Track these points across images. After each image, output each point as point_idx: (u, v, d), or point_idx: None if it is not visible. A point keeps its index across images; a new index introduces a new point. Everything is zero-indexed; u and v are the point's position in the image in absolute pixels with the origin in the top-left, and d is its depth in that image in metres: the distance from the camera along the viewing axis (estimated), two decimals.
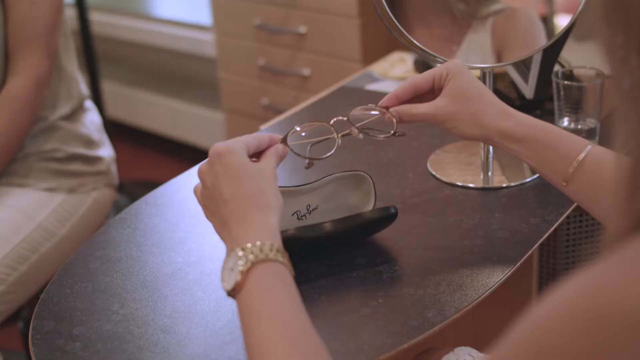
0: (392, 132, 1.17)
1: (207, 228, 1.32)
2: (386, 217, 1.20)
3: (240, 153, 0.98)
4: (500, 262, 1.17)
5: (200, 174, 1.01)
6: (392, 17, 1.31)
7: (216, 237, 1.28)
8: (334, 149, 1.13)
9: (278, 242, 0.91)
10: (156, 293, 1.16)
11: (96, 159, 1.94)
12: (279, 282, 0.88)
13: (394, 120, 1.16)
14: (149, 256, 1.25)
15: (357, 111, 1.18)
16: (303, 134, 1.11)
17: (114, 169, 2.02)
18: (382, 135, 1.17)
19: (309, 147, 1.11)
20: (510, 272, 1.15)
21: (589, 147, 1.08)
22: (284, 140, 1.08)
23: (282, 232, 1.11)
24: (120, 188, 2.08)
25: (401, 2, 1.42)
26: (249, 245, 0.90)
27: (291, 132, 1.10)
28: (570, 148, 1.09)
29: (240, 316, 0.87)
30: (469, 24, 1.49)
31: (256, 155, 1.05)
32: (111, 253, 1.27)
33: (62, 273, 1.23)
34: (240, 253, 0.89)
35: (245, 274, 0.88)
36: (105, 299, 1.15)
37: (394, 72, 1.95)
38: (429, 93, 1.18)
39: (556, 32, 1.45)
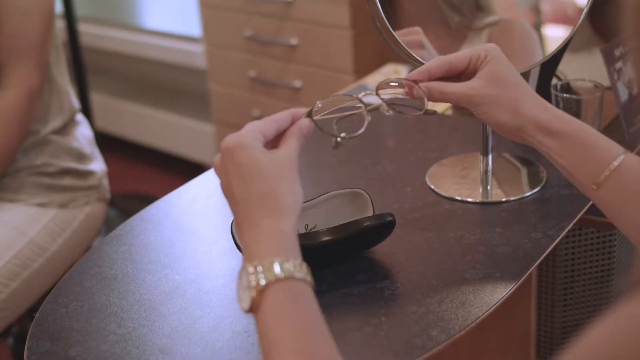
0: (422, 110, 1.09)
1: (204, 244, 1.30)
2: (384, 225, 1.18)
3: (253, 147, 0.92)
4: (503, 278, 1.15)
5: (215, 169, 0.95)
6: (390, 28, 1.29)
7: (214, 254, 1.27)
8: (364, 126, 1.04)
9: (291, 253, 0.87)
10: (154, 312, 1.14)
11: (88, 173, 1.92)
12: (293, 306, 0.84)
13: (424, 97, 1.08)
14: (146, 274, 1.23)
15: (384, 85, 1.09)
16: (328, 109, 1.03)
17: (105, 183, 2.00)
18: (413, 113, 1.09)
19: (334, 124, 1.02)
20: (513, 288, 1.13)
21: (624, 154, 1.03)
22: (309, 115, 1.00)
23: None
24: (110, 201, 2.06)
25: (396, 14, 1.41)
26: (258, 266, 0.85)
27: (316, 106, 1.01)
28: (606, 151, 1.04)
29: (259, 336, 0.84)
30: (464, 35, 1.48)
31: (278, 137, 0.98)
32: (107, 271, 1.24)
33: (56, 291, 1.20)
34: (251, 270, 0.85)
35: (258, 296, 0.84)
36: (102, 318, 1.13)
37: None
38: (457, 76, 1.12)
39: (545, 43, 1.44)
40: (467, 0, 1.49)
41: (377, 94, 1.07)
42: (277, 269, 0.85)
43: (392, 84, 1.10)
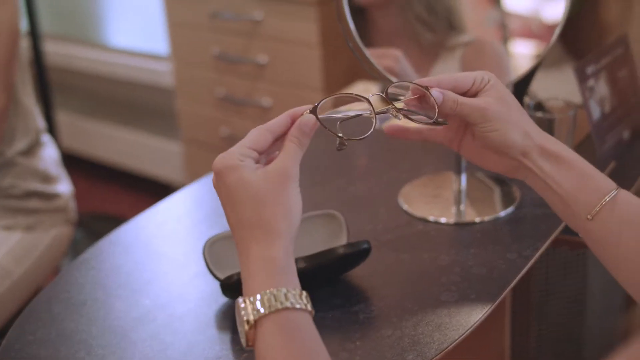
0: (432, 119, 1.03)
1: (175, 268, 1.28)
2: (359, 253, 1.17)
3: (241, 167, 0.89)
4: (479, 299, 1.14)
5: (214, 187, 0.93)
6: (362, 47, 1.28)
7: (185, 278, 1.24)
8: (372, 129, 0.97)
9: (282, 282, 0.86)
10: (124, 339, 1.11)
11: (54, 196, 1.89)
12: (285, 339, 0.83)
13: (435, 105, 1.02)
14: (115, 299, 1.20)
15: (395, 89, 1.04)
16: (332, 108, 0.98)
17: (72, 205, 1.97)
18: (422, 121, 1.03)
19: (338, 124, 0.96)
20: (490, 310, 1.12)
21: (617, 189, 1.02)
22: (313, 111, 0.94)
23: None
24: (77, 221, 2.03)
25: (369, 31, 1.40)
26: (248, 299, 0.85)
27: (322, 102, 0.95)
28: (601, 182, 1.02)
29: None
30: (437, 54, 1.48)
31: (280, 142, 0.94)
32: (75, 296, 1.22)
33: (23, 318, 1.17)
34: (242, 304, 0.85)
35: (252, 331, 0.84)
36: (70, 345, 1.10)
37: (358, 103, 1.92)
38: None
39: (516, 61, 1.44)
40: (440, 18, 1.48)
41: (387, 97, 1.00)
42: (265, 300, 0.84)
43: (402, 87, 1.05)
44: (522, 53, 1.51)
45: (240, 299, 0.86)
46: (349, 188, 1.48)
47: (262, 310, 0.84)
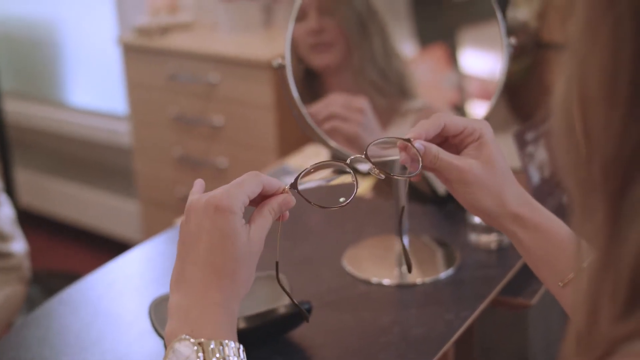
0: (416, 172, 1.00)
1: (122, 326, 1.31)
2: (300, 313, 1.20)
3: (237, 217, 0.89)
4: (417, 359, 1.18)
5: (190, 210, 0.91)
6: (306, 115, 1.33)
7: (132, 336, 1.27)
8: (353, 194, 0.96)
9: (233, 336, 0.87)
10: None
11: (7, 255, 1.91)
12: None
13: (418, 158, 1.00)
14: (63, 357, 1.23)
15: (376, 147, 1.03)
16: (313, 177, 0.97)
17: (26, 263, 1.98)
18: (405, 176, 1.02)
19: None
20: None
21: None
22: (294, 185, 0.95)
23: None
24: (34, 279, 2.04)
25: (324, 95, 1.45)
26: (210, 343, 0.85)
27: (302, 174, 0.95)
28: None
29: None
30: (390, 119, 1.52)
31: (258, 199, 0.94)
32: (23, 355, 1.24)
33: None
34: (189, 343, 0.85)
35: None
36: None
37: (310, 165, 1.96)
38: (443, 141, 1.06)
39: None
40: (392, 84, 1.53)
41: (366, 157, 1.00)
42: (212, 352, 0.84)
43: (383, 144, 1.05)
44: (479, 114, 1.55)
45: (188, 336, 0.85)
46: (294, 249, 1.52)
47: (212, 357, 0.84)
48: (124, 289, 1.43)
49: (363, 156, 0.99)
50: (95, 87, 3.74)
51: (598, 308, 0.57)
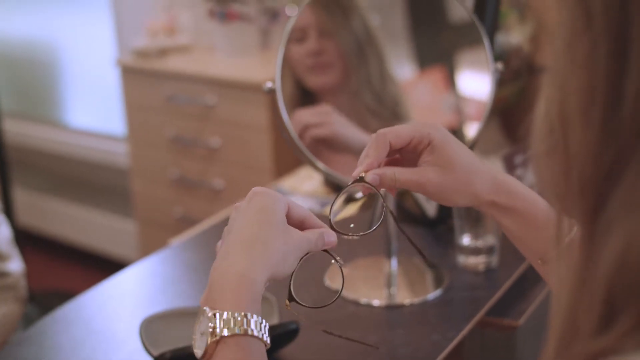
0: (376, 201, 1.03)
1: (113, 345, 1.33)
2: (288, 333, 1.22)
3: (277, 201, 0.93)
4: None
5: (235, 207, 0.95)
6: (296, 138, 1.35)
7: (122, 355, 1.29)
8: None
9: (256, 309, 0.87)
10: None
11: (4, 274, 1.92)
12: None
13: (376, 191, 1.01)
14: None
15: (337, 206, 1.07)
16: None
17: (23, 283, 2.00)
18: (377, 207, 1.05)
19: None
20: None
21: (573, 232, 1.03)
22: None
23: (180, 349, 1.13)
24: (31, 298, 2.06)
25: None
26: (224, 314, 0.84)
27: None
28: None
29: None
30: None
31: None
32: None
33: None
34: (211, 315, 0.85)
35: (213, 345, 0.84)
36: None
37: (303, 188, 1.99)
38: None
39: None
40: (387, 108, 1.55)
41: (331, 224, 1.02)
42: (239, 322, 0.84)
43: (347, 191, 1.08)
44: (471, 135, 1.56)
45: (208, 309, 0.86)
46: None
47: (236, 330, 0.84)
48: (117, 308, 1.45)
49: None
50: (93, 108, 3.77)
51: (575, 324, 0.59)
